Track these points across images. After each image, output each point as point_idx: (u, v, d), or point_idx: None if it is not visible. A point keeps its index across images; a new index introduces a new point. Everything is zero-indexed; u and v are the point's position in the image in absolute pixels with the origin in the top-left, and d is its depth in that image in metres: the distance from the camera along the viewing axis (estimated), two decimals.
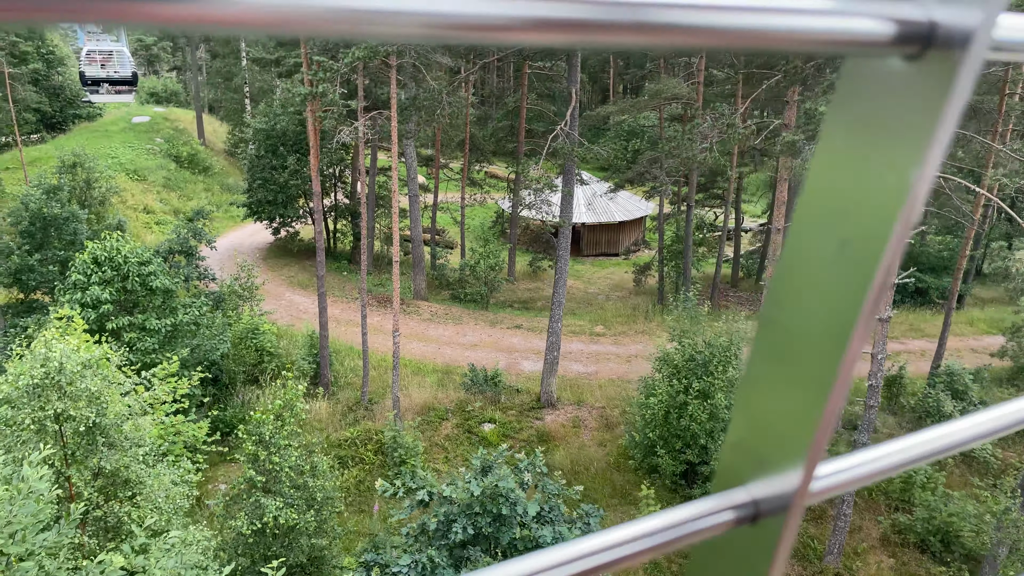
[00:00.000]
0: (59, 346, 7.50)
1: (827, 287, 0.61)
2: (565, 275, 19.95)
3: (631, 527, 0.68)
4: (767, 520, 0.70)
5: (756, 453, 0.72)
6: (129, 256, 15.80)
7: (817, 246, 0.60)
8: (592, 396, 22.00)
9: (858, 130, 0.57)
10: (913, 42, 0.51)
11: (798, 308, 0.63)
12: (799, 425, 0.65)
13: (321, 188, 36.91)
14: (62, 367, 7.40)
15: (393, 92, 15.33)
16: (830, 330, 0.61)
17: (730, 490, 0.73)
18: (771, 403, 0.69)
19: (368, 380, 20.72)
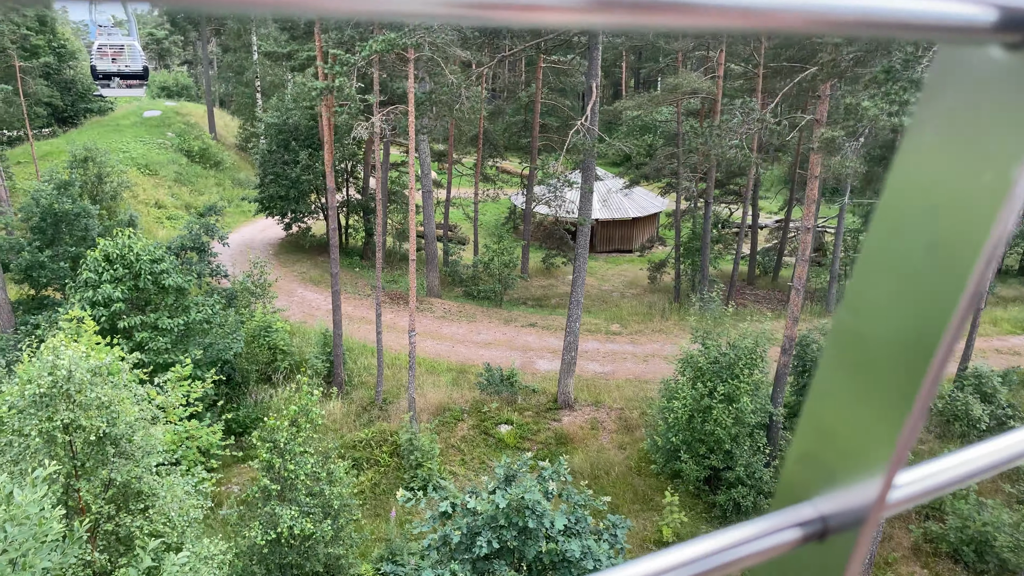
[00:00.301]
0: (67, 353, 7.15)
1: (913, 293, 0.59)
2: (584, 274, 19.52)
3: (689, 548, 0.65)
4: (837, 536, 0.67)
5: (825, 465, 0.69)
6: (141, 254, 15.49)
7: (901, 249, 0.58)
8: (610, 397, 21.57)
9: (952, 124, 0.54)
10: (1017, 29, 0.48)
11: (880, 315, 0.61)
12: (877, 434, 0.63)
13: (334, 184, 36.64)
14: (71, 375, 7.05)
15: (411, 86, 14.90)
16: (916, 337, 0.59)
17: (795, 506, 0.70)
18: (845, 412, 0.67)
19: (382, 379, 20.36)
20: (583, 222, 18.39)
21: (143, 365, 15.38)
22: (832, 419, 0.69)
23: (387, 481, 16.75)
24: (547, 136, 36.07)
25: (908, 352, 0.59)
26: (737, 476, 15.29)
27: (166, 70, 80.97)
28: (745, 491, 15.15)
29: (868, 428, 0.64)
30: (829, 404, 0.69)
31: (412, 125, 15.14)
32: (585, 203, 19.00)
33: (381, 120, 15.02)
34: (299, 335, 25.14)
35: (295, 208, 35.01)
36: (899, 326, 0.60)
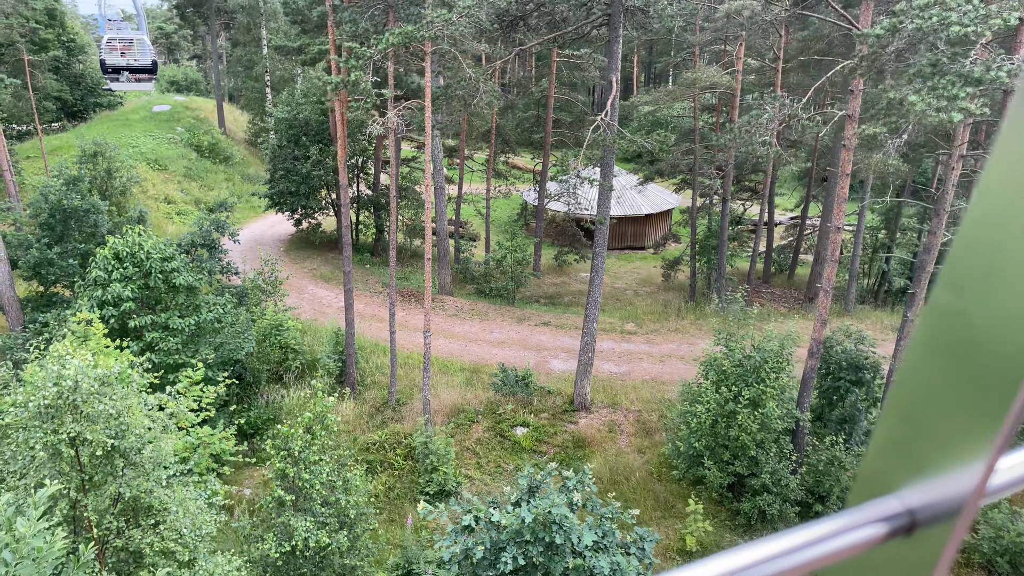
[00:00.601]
0: (74, 362, 6.76)
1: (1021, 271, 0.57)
2: (601, 273, 19.06)
3: (763, 546, 0.63)
4: (926, 530, 0.64)
5: (913, 454, 0.66)
6: (152, 252, 15.13)
7: (1007, 231, 0.58)
8: (626, 398, 21.13)
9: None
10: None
11: (986, 291, 0.60)
12: (979, 416, 0.60)
13: None
14: (77, 385, 6.67)
15: (427, 80, 14.45)
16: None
17: (878, 499, 0.67)
18: (940, 396, 0.64)
19: (395, 380, 19.98)
20: (602, 220, 17.92)
21: (153, 367, 15.06)
22: (924, 404, 0.65)
23: (401, 485, 16.37)
24: (560, 132, 35.58)
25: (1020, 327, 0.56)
26: (763, 483, 14.83)
27: (175, 65, 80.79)
28: (771, 499, 14.70)
29: (968, 410, 0.60)
30: (921, 389, 0.65)
31: (428, 121, 14.69)
32: (604, 200, 18.53)
33: (397, 116, 14.58)
34: (310, 333, 24.81)
35: (305, 204, 34.67)
36: (1009, 302, 0.57)
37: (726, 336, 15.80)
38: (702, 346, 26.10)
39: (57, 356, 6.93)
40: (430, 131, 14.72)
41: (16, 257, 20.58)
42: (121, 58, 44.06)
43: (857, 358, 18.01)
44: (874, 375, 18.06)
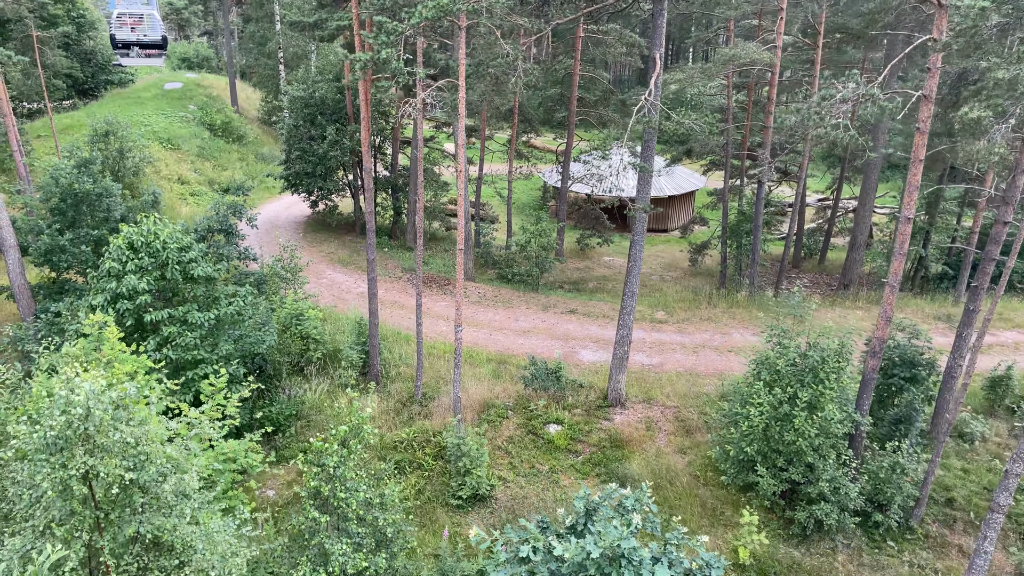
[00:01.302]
0: (84, 386, 5.85)
1: None
2: (639, 263, 18.00)
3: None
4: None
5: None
6: (168, 242, 14.21)
7: None
8: (662, 392, 20.18)
9: None
10: None
11: None
12: None
13: (360, 159, 35.20)
14: (89, 413, 5.77)
15: (462, 57, 13.37)
16: None
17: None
18: None
19: (422, 372, 19.08)
20: (646, 209, 16.81)
21: (171, 364, 14.19)
22: None
23: (432, 488, 15.53)
24: (583, 110, 34.32)
25: None
26: (819, 491, 13.87)
27: (186, 41, 79.47)
28: (828, 508, 13.74)
29: None
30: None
31: (462, 101, 13.61)
32: (644, 185, 17.43)
33: (429, 96, 13.50)
34: (330, 321, 23.94)
35: (322, 186, 33.67)
36: None
37: (779, 333, 14.74)
38: (736, 336, 25.12)
39: (65, 379, 6.02)
40: (463, 112, 13.65)
41: (27, 243, 19.75)
42: (131, 33, 43.01)
43: (912, 354, 16.95)
44: (929, 372, 17.00)
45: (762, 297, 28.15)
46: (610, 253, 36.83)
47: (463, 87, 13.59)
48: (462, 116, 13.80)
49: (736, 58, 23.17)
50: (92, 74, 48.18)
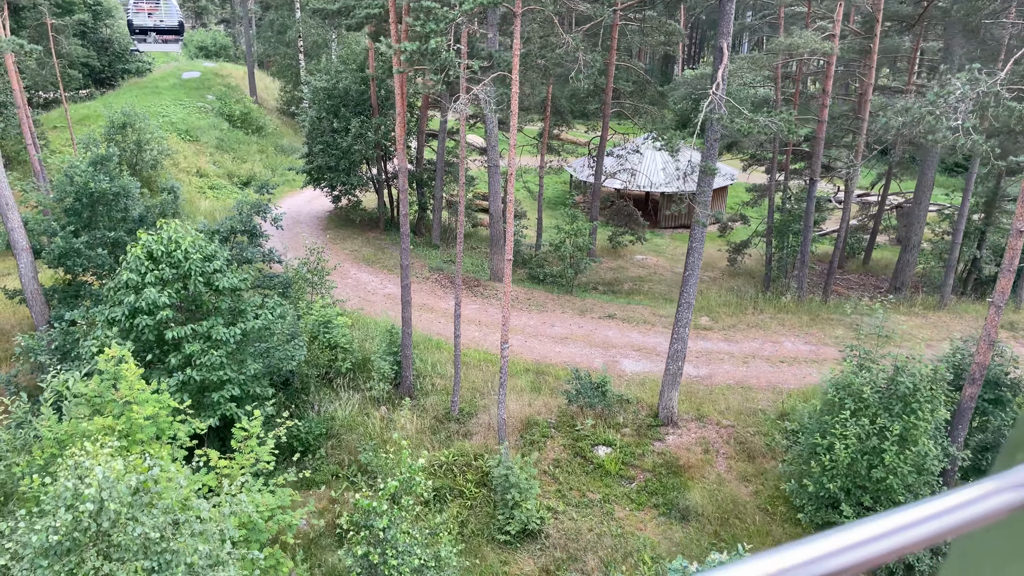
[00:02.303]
0: (97, 471, 4.58)
1: None
2: (697, 271, 16.60)
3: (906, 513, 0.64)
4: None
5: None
6: (190, 251, 12.96)
7: None
8: (715, 408, 18.79)
9: None
10: None
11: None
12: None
13: (384, 153, 33.91)
14: (103, 507, 4.51)
15: (516, 47, 11.98)
16: None
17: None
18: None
19: (459, 386, 17.80)
20: (706, 223, 15.34)
21: (194, 385, 12.98)
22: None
23: (476, 520, 14.26)
24: (617, 102, 32.76)
25: None
26: None
27: (203, 29, 78.33)
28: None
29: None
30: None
31: (515, 97, 12.24)
32: (705, 186, 15.99)
33: (484, 91, 12.14)
34: (358, 326, 22.68)
35: (346, 180, 32.39)
36: None
37: (864, 356, 13.29)
38: (788, 345, 23.62)
39: (73, 464, 4.75)
40: (516, 109, 12.27)
41: (40, 245, 18.63)
42: (148, 19, 42.10)
43: (996, 373, 15.45)
44: (1015, 392, 15.51)
45: (811, 302, 26.62)
46: (643, 251, 35.34)
47: (516, 81, 12.20)
48: (515, 113, 12.43)
49: (794, 48, 21.60)
50: (109, 63, 47.14)
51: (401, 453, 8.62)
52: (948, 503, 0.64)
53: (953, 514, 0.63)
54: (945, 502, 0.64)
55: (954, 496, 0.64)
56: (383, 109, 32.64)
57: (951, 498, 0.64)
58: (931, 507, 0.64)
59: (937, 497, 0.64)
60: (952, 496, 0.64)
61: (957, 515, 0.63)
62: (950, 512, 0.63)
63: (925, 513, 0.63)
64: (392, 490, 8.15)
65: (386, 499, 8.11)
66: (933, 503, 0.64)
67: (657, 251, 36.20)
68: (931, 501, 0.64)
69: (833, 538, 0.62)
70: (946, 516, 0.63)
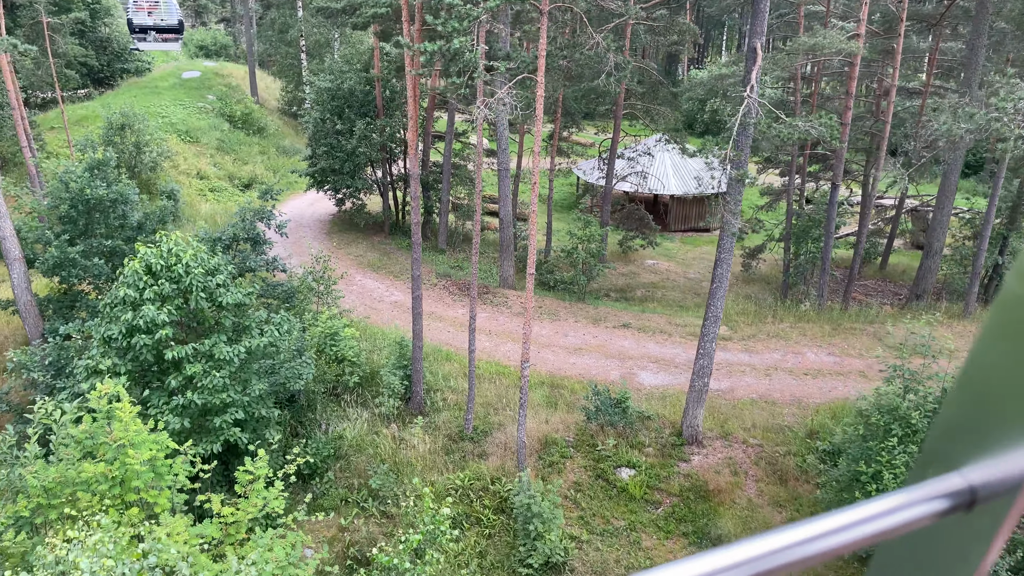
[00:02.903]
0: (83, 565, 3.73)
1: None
2: (726, 284, 15.76)
3: (827, 520, 0.67)
4: (986, 506, 0.67)
5: (978, 433, 0.68)
6: (192, 265, 12.11)
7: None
8: (740, 425, 17.96)
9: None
10: None
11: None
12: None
13: (390, 155, 33.07)
14: None
15: (542, 48, 11.13)
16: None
17: (940, 476, 0.69)
18: (1007, 381, 0.66)
19: (473, 403, 16.96)
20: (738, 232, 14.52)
21: (196, 409, 12.14)
22: (992, 386, 0.68)
23: (496, 551, 13.42)
24: (629, 103, 31.91)
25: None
26: None
27: (203, 28, 77.41)
28: None
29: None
30: (990, 371, 0.68)
31: (540, 101, 11.39)
32: (735, 195, 15.16)
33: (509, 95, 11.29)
34: (365, 335, 21.81)
35: (350, 183, 31.52)
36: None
37: (906, 376, 12.45)
38: (810, 357, 22.79)
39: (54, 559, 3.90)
40: (541, 114, 11.43)
41: (34, 254, 17.80)
42: (148, 17, 41.44)
43: None
44: None
45: (831, 311, 25.79)
46: (654, 256, 34.52)
47: (542, 84, 11.34)
48: (539, 118, 11.58)
49: (818, 48, 20.71)
50: (108, 62, 46.30)
51: (424, 500, 7.80)
52: (868, 511, 0.65)
53: (872, 522, 0.65)
54: (865, 510, 0.65)
55: (874, 504, 0.66)
56: (388, 110, 31.82)
57: (871, 506, 0.66)
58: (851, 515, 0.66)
59: (857, 505, 0.66)
60: (873, 504, 0.66)
61: (876, 523, 0.65)
62: (870, 520, 0.65)
63: (842, 522, 0.65)
64: (415, 543, 7.33)
65: (408, 554, 7.28)
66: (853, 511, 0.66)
67: (668, 255, 35.39)
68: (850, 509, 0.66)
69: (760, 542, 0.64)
70: (866, 524, 0.65)
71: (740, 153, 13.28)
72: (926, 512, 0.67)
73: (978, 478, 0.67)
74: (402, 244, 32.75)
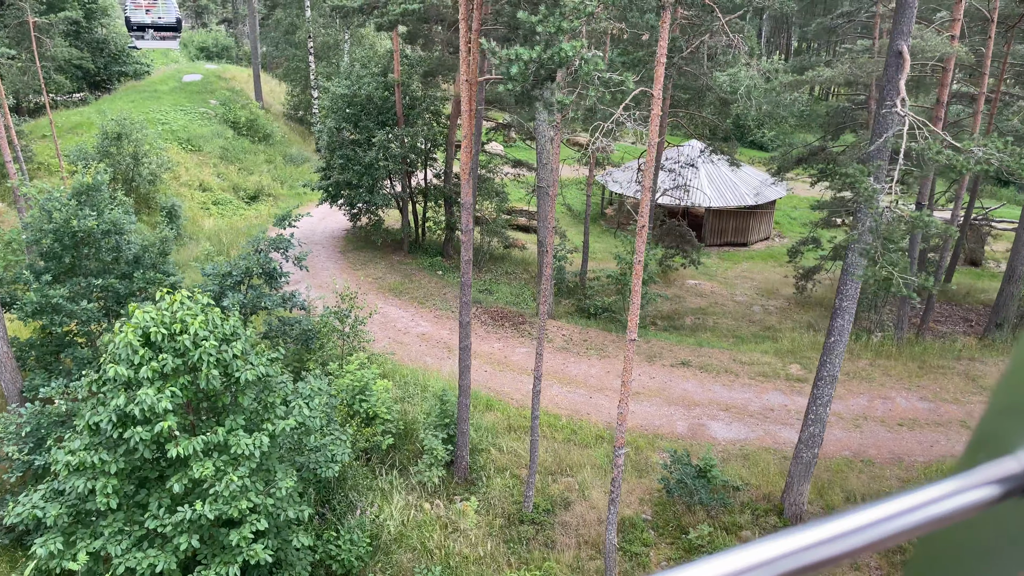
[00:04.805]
0: None
1: None
2: (845, 339, 13.09)
3: (879, 508, 0.64)
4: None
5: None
6: (201, 333, 9.36)
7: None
8: (842, 495, 15.25)
9: None
10: None
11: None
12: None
13: (408, 165, 30.37)
14: None
15: (662, 51, 8.38)
16: None
17: (994, 461, 0.67)
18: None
19: (534, 476, 14.20)
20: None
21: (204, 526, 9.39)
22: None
23: None
24: (674, 111, 29.25)
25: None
26: None
27: (204, 29, 74.64)
28: None
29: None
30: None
31: (656, 119, 8.70)
32: (872, 230, 12.44)
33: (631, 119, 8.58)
34: (392, 376, 19.07)
35: (368, 199, 28.78)
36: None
37: None
38: (901, 403, 20.07)
39: None
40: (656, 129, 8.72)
41: (10, 296, 15.07)
42: (146, 16, 39.22)
43: None
44: None
45: (911, 345, 23.06)
46: (695, 276, 31.77)
47: (659, 100, 8.63)
48: (653, 145, 8.88)
49: (916, 51, 18.06)
50: (105, 65, 43.53)
51: None
52: (919, 499, 0.63)
53: (924, 510, 0.63)
54: (916, 498, 0.63)
55: (926, 492, 0.63)
56: (408, 119, 29.12)
57: (923, 493, 0.63)
58: (898, 505, 0.63)
59: (908, 492, 0.63)
60: (924, 491, 0.63)
61: (928, 511, 0.63)
62: (921, 508, 0.63)
63: (893, 510, 0.63)
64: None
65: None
66: (904, 499, 0.63)
67: (708, 274, 32.65)
68: (901, 497, 0.63)
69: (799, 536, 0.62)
70: (911, 514, 0.62)
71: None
72: (980, 498, 0.63)
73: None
74: (424, 264, 30.06)
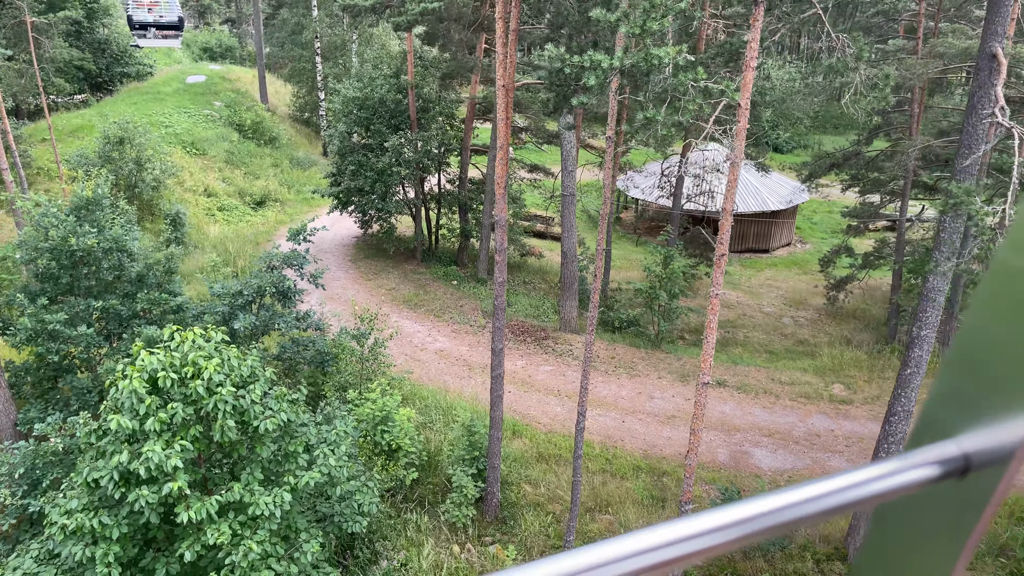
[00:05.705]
0: None
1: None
2: (924, 367, 11.83)
3: (823, 483, 0.67)
4: (980, 473, 0.67)
5: (972, 402, 0.69)
6: (215, 378, 8.16)
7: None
8: None
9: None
10: None
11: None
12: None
13: (423, 171, 29.18)
14: None
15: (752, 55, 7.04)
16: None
17: (935, 444, 0.70)
18: (1003, 346, 0.66)
19: (576, 519, 12.96)
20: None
21: None
22: (986, 354, 0.67)
23: None
24: None
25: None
26: None
27: (207, 28, 73.48)
28: None
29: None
30: (984, 339, 0.68)
31: (742, 132, 7.49)
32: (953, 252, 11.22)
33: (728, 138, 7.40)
34: (411, 398, 17.89)
35: (381, 206, 27.56)
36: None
37: None
38: None
39: None
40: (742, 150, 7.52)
41: (2, 321, 13.87)
42: (148, 14, 38.25)
43: None
44: None
45: None
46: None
47: (746, 111, 7.39)
48: (738, 163, 7.65)
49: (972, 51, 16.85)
50: (107, 66, 42.38)
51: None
52: (864, 475, 0.66)
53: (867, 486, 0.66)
54: (861, 474, 0.66)
55: (870, 469, 0.66)
56: (422, 122, 27.93)
57: (867, 471, 0.66)
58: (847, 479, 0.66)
59: (852, 469, 0.67)
60: (868, 469, 0.67)
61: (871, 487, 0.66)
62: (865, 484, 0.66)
63: (837, 485, 0.66)
64: None
65: None
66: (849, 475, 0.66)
67: (732, 283, 31.42)
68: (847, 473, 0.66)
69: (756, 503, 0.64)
70: (860, 487, 0.66)
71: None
72: (919, 478, 0.66)
73: (972, 446, 0.66)
74: (438, 273, 28.86)
